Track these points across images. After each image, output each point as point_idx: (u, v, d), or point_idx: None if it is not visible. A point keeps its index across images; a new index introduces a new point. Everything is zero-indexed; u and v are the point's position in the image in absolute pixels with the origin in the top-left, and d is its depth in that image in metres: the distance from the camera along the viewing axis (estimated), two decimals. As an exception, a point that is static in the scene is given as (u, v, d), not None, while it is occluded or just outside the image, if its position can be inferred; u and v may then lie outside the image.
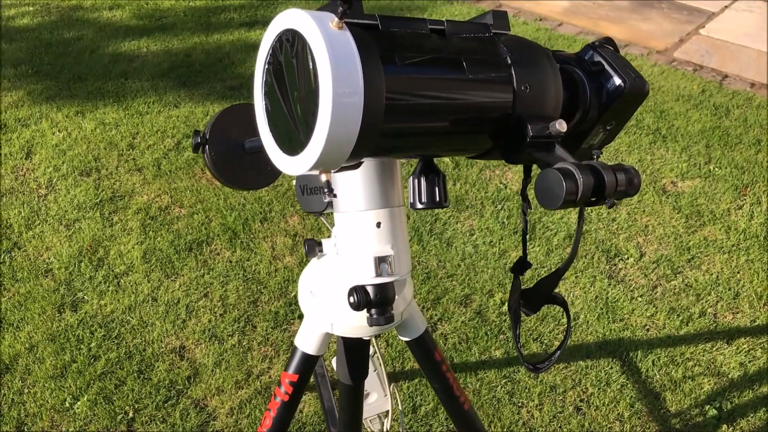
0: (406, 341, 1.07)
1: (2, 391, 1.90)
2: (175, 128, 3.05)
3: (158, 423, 1.82)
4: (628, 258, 2.43)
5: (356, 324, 0.96)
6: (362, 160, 0.76)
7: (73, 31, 3.91)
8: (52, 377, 1.94)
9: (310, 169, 0.62)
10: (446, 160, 2.89)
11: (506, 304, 1.09)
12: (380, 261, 0.85)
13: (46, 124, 3.04)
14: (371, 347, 1.36)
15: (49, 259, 2.35)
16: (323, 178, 0.64)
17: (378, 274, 0.85)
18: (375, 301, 0.86)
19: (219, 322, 2.11)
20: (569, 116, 0.80)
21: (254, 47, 3.78)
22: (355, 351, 1.05)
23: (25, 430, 1.81)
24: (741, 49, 4.02)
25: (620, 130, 0.85)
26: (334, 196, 0.79)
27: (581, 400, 1.93)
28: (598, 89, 0.78)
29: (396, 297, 0.98)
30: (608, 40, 0.83)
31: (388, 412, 1.34)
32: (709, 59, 3.89)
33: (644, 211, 2.65)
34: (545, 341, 2.10)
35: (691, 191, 2.76)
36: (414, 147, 0.74)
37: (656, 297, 2.27)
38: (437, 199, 0.79)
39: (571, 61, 0.80)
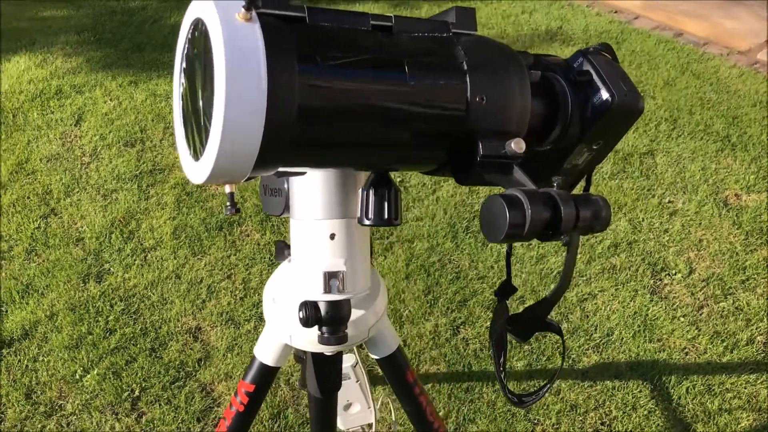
0: (375, 359, 0.99)
1: (18, 357, 1.92)
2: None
3: (162, 404, 1.80)
4: (675, 273, 2.26)
5: (315, 338, 0.89)
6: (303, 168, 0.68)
7: (138, 0, 3.94)
8: (67, 347, 1.95)
9: (209, 180, 0.55)
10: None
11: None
12: (330, 276, 0.77)
13: (99, 92, 3.07)
14: (352, 356, 1.29)
15: (82, 227, 2.36)
16: (227, 189, 0.57)
17: (327, 291, 0.77)
18: (326, 318, 0.79)
19: (238, 306, 2.08)
20: (546, 132, 0.70)
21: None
22: (323, 363, 0.98)
23: (34, 398, 1.82)
24: (833, 54, 3.71)
25: (610, 150, 0.74)
26: (236, 211, 0.70)
27: (602, 423, 1.80)
28: (582, 103, 0.68)
29: (363, 312, 0.91)
30: (605, 47, 0.72)
31: (371, 424, 1.27)
32: (795, 63, 3.61)
33: (700, 223, 2.47)
34: (573, 356, 1.97)
35: (755, 206, 2.56)
36: (339, 160, 0.65)
37: (701, 318, 2.11)
38: (385, 216, 0.70)
39: (557, 69, 0.70)
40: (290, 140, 0.55)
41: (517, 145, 0.60)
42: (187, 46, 0.60)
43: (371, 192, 0.69)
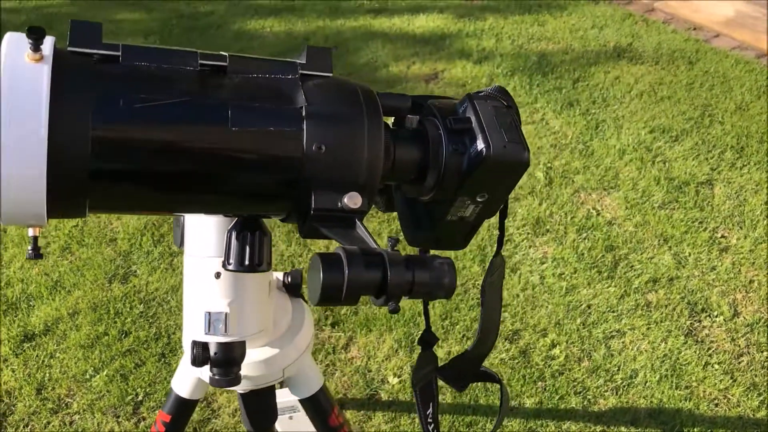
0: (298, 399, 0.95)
1: (37, 352, 1.98)
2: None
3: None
4: (717, 316, 2.10)
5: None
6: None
7: (208, 4, 4.04)
8: (82, 346, 1.99)
9: (5, 223, 0.52)
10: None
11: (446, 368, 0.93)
12: (213, 317, 0.73)
13: (156, 94, 3.16)
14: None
15: (117, 228, 2.42)
16: (30, 232, 0.54)
17: (209, 332, 0.73)
18: (214, 359, 0.76)
19: (252, 317, 2.07)
20: (420, 181, 0.64)
21: (374, 36, 3.71)
22: (252, 397, 0.94)
23: (44, 393, 1.87)
24: None
25: (501, 203, 0.67)
26: (36, 256, 0.67)
27: (610, 474, 1.69)
28: (459, 152, 0.61)
29: (277, 351, 0.87)
30: (499, 90, 0.65)
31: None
32: None
33: (754, 263, 2.29)
34: (588, 397, 1.86)
35: (819, 247, 2.35)
36: (154, 207, 0.61)
37: (738, 367, 1.95)
38: (246, 261, 0.66)
39: (441, 113, 0.64)
40: (82, 186, 0.51)
41: (351, 200, 0.55)
42: None
43: (233, 234, 0.65)
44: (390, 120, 0.67)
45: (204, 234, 0.72)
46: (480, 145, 0.60)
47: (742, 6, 4.09)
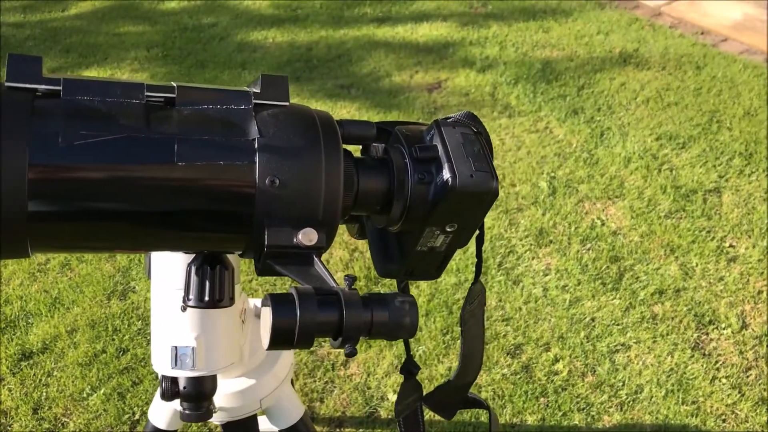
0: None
1: (34, 370, 1.97)
2: (273, 123, 3.03)
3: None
4: (725, 328, 2.06)
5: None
6: None
7: (211, 16, 4.03)
8: (80, 364, 1.98)
9: None
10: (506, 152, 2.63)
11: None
12: (179, 351, 0.71)
13: (158, 108, 3.15)
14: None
15: (116, 243, 2.41)
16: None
17: (175, 366, 0.71)
18: (183, 393, 0.73)
19: (250, 333, 2.05)
20: (386, 211, 0.61)
21: (377, 45, 3.69)
22: (234, 428, 0.92)
23: (40, 413, 1.85)
24: None
25: (471, 233, 0.64)
26: None
27: (614, 494, 1.65)
28: (425, 182, 0.59)
29: (253, 381, 0.84)
30: (469, 116, 0.62)
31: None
32: None
33: (762, 273, 2.24)
34: (592, 413, 1.82)
35: (830, 256, 2.30)
36: (101, 247, 0.59)
37: (747, 381, 1.90)
38: (206, 297, 0.63)
39: (407, 141, 0.61)
40: (28, 228, 0.49)
41: (306, 237, 0.53)
42: None
43: (192, 270, 0.63)
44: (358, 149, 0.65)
45: (169, 266, 0.70)
46: (446, 174, 0.57)
47: (750, 9, 4.04)
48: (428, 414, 1.00)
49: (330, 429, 1.81)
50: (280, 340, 0.48)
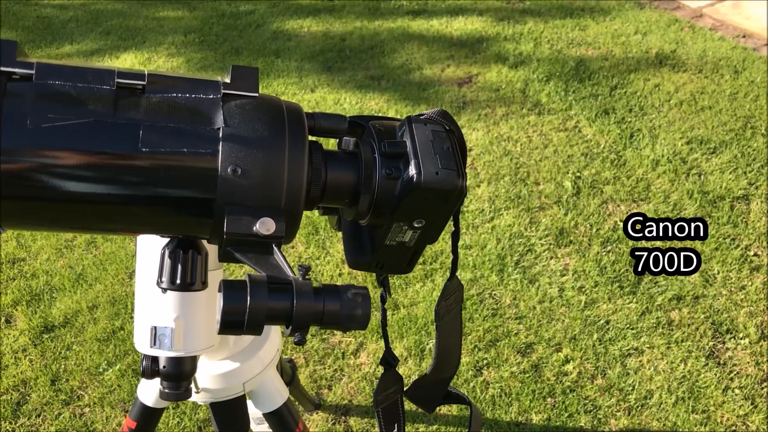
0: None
1: (55, 343, 2.03)
2: (302, 112, 3.06)
3: (170, 407, 1.84)
4: (742, 338, 2.02)
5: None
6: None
7: (249, 3, 4.07)
8: (98, 339, 2.03)
9: None
10: (529, 161, 2.61)
11: (407, 388, 0.91)
12: (158, 332, 0.73)
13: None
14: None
15: (141, 224, 2.46)
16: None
17: (154, 345, 0.73)
18: (163, 373, 0.75)
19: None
20: (354, 204, 0.62)
21: (410, 37, 3.69)
22: (221, 408, 0.94)
23: (58, 385, 1.91)
24: None
25: (439, 229, 0.64)
26: None
27: (614, 498, 1.64)
28: (392, 177, 0.60)
29: (237, 365, 0.86)
30: (442, 114, 0.63)
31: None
32: None
33: (786, 284, 2.20)
34: (599, 416, 1.81)
35: None
36: (70, 227, 0.61)
37: (761, 393, 1.87)
38: (177, 280, 0.65)
39: (379, 136, 0.62)
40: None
41: (264, 226, 0.54)
42: None
43: (165, 253, 0.65)
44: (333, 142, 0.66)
45: (152, 248, 0.72)
46: (412, 171, 0.58)
47: (796, 13, 3.93)
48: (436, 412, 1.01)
49: (336, 416, 1.83)
50: (229, 324, 0.50)
